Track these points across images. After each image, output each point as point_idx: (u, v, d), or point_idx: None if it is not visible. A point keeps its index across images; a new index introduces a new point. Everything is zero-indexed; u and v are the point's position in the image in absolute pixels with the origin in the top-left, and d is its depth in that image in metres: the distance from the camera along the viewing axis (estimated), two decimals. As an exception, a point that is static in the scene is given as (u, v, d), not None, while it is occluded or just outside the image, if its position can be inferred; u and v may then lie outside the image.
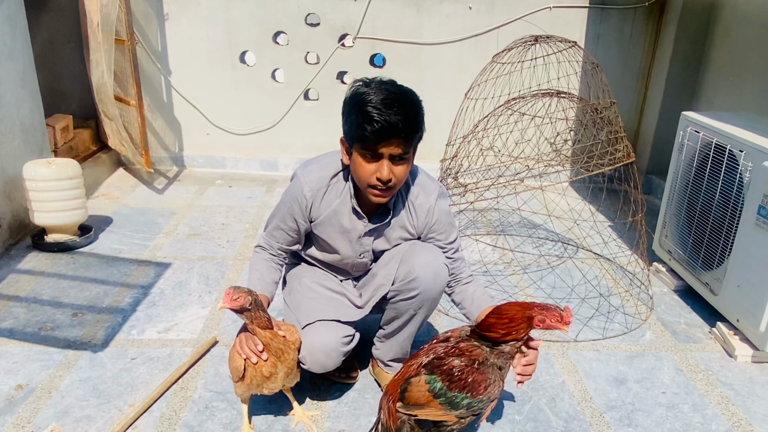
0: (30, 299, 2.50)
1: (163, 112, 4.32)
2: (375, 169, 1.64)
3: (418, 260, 1.78)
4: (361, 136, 1.60)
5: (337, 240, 1.85)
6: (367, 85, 1.62)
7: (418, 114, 1.63)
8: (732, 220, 2.33)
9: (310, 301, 1.89)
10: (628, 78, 4.24)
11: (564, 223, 3.49)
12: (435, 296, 1.82)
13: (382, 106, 1.56)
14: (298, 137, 4.39)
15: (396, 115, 1.56)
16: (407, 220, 1.84)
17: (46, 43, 3.99)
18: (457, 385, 1.52)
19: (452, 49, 4.18)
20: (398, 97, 1.59)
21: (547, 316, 1.54)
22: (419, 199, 1.82)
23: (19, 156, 3.04)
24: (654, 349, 2.33)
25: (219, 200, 3.83)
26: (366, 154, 1.63)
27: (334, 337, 1.79)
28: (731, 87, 3.50)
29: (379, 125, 1.56)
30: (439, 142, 3.14)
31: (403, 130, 1.58)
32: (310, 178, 1.78)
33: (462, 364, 1.54)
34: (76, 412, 1.86)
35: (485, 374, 1.54)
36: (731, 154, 2.35)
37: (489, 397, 1.55)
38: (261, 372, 1.67)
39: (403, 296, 1.81)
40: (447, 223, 1.87)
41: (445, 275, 1.80)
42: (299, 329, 1.81)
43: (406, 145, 1.62)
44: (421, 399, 1.54)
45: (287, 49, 4.20)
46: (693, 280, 2.63)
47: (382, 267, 1.88)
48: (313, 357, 1.77)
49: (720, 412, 1.98)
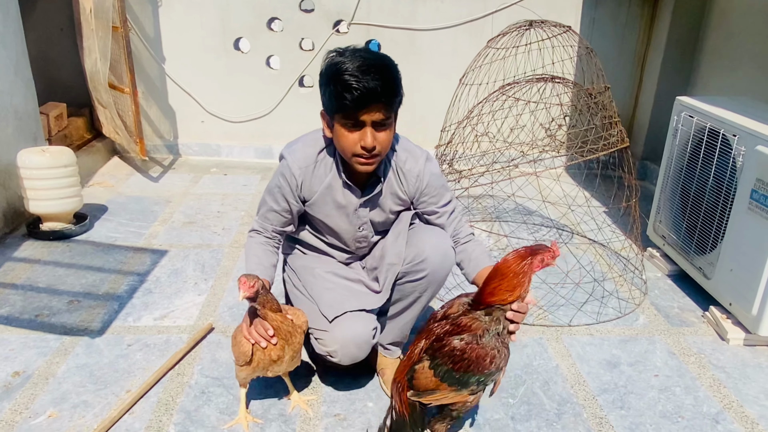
0: (26, 287, 2.51)
1: (158, 99, 4.30)
2: (358, 138, 1.63)
3: (427, 242, 1.79)
4: (341, 105, 1.59)
5: (334, 217, 1.85)
6: (341, 54, 1.62)
7: (395, 78, 1.62)
8: (725, 204, 2.34)
9: (330, 293, 1.86)
10: (624, 63, 4.23)
11: (558, 208, 3.50)
12: (441, 279, 1.83)
13: (359, 72, 1.55)
14: (294, 124, 4.38)
15: (374, 81, 1.55)
16: (398, 186, 1.83)
17: (39, 30, 3.96)
18: (461, 365, 1.50)
19: (447, 35, 4.16)
20: (374, 62, 1.58)
21: (544, 255, 1.48)
22: (408, 164, 1.81)
23: (13, 144, 3.03)
24: (647, 333, 2.35)
25: (214, 188, 3.83)
26: (348, 123, 1.63)
27: (365, 329, 1.79)
28: (726, 72, 3.50)
29: (358, 92, 1.55)
30: (434, 128, 3.14)
31: (382, 94, 1.57)
32: (297, 156, 1.78)
33: (462, 342, 1.50)
34: (73, 398, 1.87)
35: (488, 347, 1.50)
36: (725, 139, 2.36)
37: (497, 367, 1.52)
38: (269, 356, 1.68)
39: (410, 278, 1.82)
40: (438, 186, 1.85)
41: (452, 258, 1.81)
42: (324, 323, 1.80)
43: (387, 110, 1.61)
44: (430, 384, 1.54)
45: (282, 35, 4.18)
46: (686, 264, 2.64)
47: (390, 246, 1.86)
48: (345, 350, 1.76)
49: (712, 395, 2.00)
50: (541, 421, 1.85)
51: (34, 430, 1.74)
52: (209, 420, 1.80)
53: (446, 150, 2.80)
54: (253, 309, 1.67)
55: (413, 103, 4.18)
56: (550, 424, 1.84)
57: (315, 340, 1.84)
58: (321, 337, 1.81)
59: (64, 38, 4.11)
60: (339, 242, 1.93)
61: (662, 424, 1.85)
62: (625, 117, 4.33)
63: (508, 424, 1.83)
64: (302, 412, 1.84)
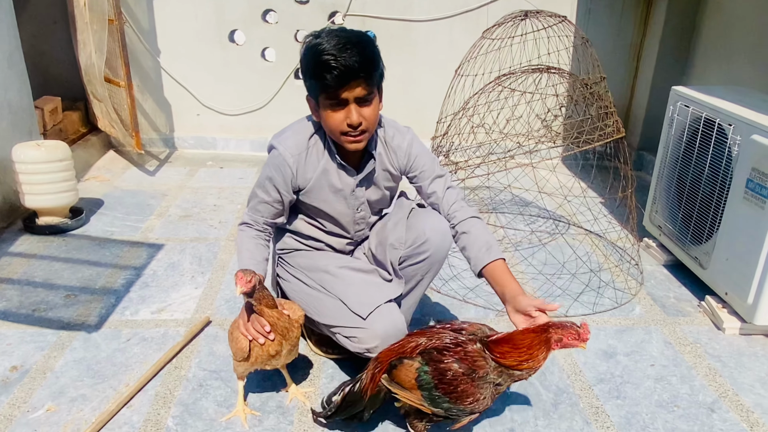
0: (23, 281, 2.50)
1: (153, 92, 4.28)
2: (344, 116, 1.64)
3: (427, 224, 1.81)
4: (323, 86, 1.60)
5: (332, 201, 1.84)
6: (318, 36, 1.62)
7: (373, 52, 1.63)
8: (721, 194, 2.35)
9: (354, 288, 1.83)
10: (619, 53, 4.22)
11: (555, 199, 3.51)
12: (441, 259, 1.86)
13: (336, 51, 1.56)
14: (290, 117, 4.26)
15: (352, 57, 1.56)
16: (388, 161, 1.85)
17: (32, 24, 3.93)
18: (445, 388, 1.49)
19: (443, 26, 4.15)
20: (350, 39, 1.59)
21: (563, 334, 1.48)
22: (395, 140, 1.84)
23: (8, 138, 3.01)
24: (643, 323, 2.36)
25: (210, 181, 3.82)
26: (332, 103, 1.64)
27: (400, 318, 1.78)
28: (722, 62, 3.50)
29: (337, 71, 1.56)
30: (430, 120, 3.14)
31: (361, 69, 1.58)
32: (288, 144, 1.77)
33: (459, 370, 1.49)
34: (71, 392, 1.87)
35: (478, 389, 1.49)
36: (720, 128, 2.36)
37: (472, 409, 1.51)
38: (267, 351, 1.68)
39: (412, 261, 1.83)
40: (429, 159, 1.87)
41: (450, 238, 1.84)
42: (358, 320, 1.76)
43: (369, 85, 1.62)
44: (406, 383, 1.54)
45: (277, 27, 4.16)
46: (682, 254, 2.65)
47: (390, 232, 1.87)
48: (386, 343, 1.71)
49: (707, 384, 2.01)
50: (537, 412, 1.86)
51: (33, 424, 1.74)
52: (207, 413, 1.80)
53: (442, 141, 2.80)
54: (250, 304, 1.67)
55: (409, 95, 4.17)
56: (547, 414, 1.84)
57: (347, 339, 1.78)
58: (356, 335, 1.76)
59: (59, 32, 4.08)
60: (338, 228, 1.92)
61: (658, 414, 1.86)
62: (621, 107, 4.32)
63: (505, 415, 1.84)
64: (300, 404, 1.85)
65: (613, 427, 1.80)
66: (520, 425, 1.80)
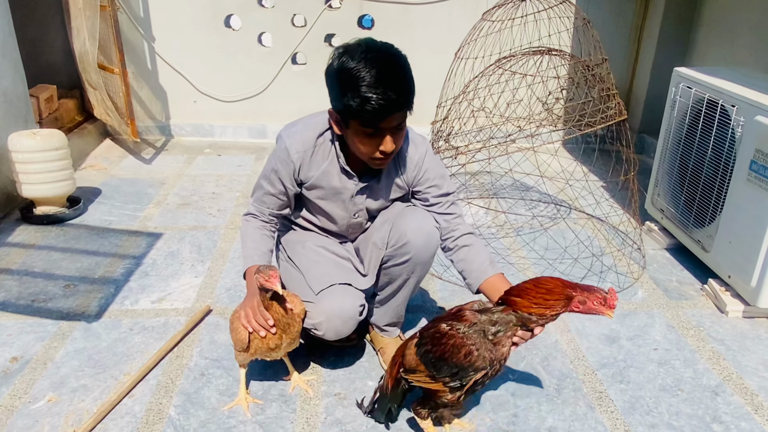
0: (21, 272, 2.49)
1: (148, 79, 4.24)
2: (377, 144, 1.60)
3: (409, 225, 1.76)
4: (360, 116, 1.54)
5: (330, 201, 1.83)
6: (352, 57, 1.53)
7: (410, 80, 1.59)
8: (724, 176, 2.33)
9: (318, 266, 1.86)
10: (620, 35, 4.18)
11: (556, 184, 3.49)
12: (426, 260, 1.81)
13: (379, 84, 1.49)
14: (287, 103, 4.32)
15: (392, 90, 1.51)
16: (396, 174, 1.82)
17: (26, 11, 3.88)
18: (437, 349, 1.49)
19: (442, 9, 4.10)
20: (389, 67, 1.53)
21: (588, 297, 1.42)
22: (408, 151, 1.80)
23: (3, 128, 2.98)
24: (646, 308, 2.35)
25: (208, 169, 3.79)
26: (367, 131, 1.58)
27: (353, 304, 1.77)
28: (724, 42, 3.46)
29: (380, 106, 1.50)
30: (430, 105, 3.10)
31: (401, 102, 1.54)
32: (296, 139, 1.75)
33: (446, 327, 1.49)
34: (72, 382, 1.86)
35: (467, 339, 1.46)
36: (723, 109, 2.33)
37: (471, 365, 1.46)
38: (267, 344, 1.67)
39: (395, 261, 1.80)
40: (438, 176, 1.83)
41: (436, 239, 1.79)
42: (310, 294, 1.79)
43: (405, 114, 1.60)
44: (412, 363, 1.54)
45: (273, 11, 4.11)
46: (685, 237, 2.63)
47: (376, 230, 1.87)
48: (330, 323, 1.74)
49: (711, 367, 2.01)
50: (541, 397, 1.85)
51: (34, 414, 1.73)
52: (209, 402, 1.80)
53: (442, 126, 2.77)
54: (254, 294, 1.66)
55: (408, 79, 4.13)
56: (551, 400, 1.84)
57: None
58: (307, 308, 1.78)
59: (53, 19, 4.03)
60: (333, 226, 1.92)
61: (662, 397, 1.86)
62: (621, 90, 4.29)
63: (509, 400, 1.83)
64: (302, 392, 1.84)
65: (617, 412, 1.79)
66: (523, 410, 1.79)
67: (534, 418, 1.77)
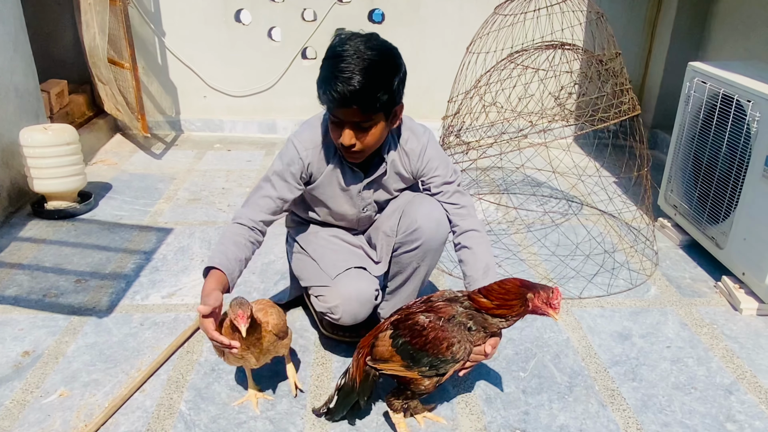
0: (33, 267, 2.50)
1: (159, 74, 4.24)
2: (340, 134, 1.62)
3: (419, 211, 1.77)
4: (321, 98, 1.59)
5: (338, 198, 1.84)
6: (342, 43, 1.55)
7: (381, 81, 1.54)
8: (739, 172, 2.29)
9: (333, 253, 1.87)
10: (633, 29, 4.13)
11: (568, 179, 3.46)
12: (437, 246, 1.82)
13: (342, 73, 1.50)
14: (297, 98, 4.31)
15: (351, 85, 1.49)
16: (401, 165, 1.82)
17: (37, 6, 3.89)
18: (418, 341, 1.50)
19: (453, 3, 4.06)
20: (364, 62, 1.51)
21: (535, 295, 1.45)
22: (410, 143, 1.80)
23: (15, 122, 2.99)
24: (659, 305, 2.33)
25: (218, 164, 3.79)
26: (332, 118, 1.62)
27: (369, 287, 1.79)
28: (739, 36, 3.41)
29: (331, 94, 1.52)
30: (440, 100, 3.08)
31: (356, 100, 1.52)
32: (303, 138, 1.76)
33: (426, 320, 1.51)
34: (84, 376, 1.87)
35: (449, 332, 1.48)
36: (739, 105, 2.30)
37: (453, 356, 1.49)
38: (234, 355, 1.62)
39: (406, 248, 1.81)
40: (441, 164, 1.82)
41: (446, 226, 1.80)
42: (326, 279, 1.79)
43: (364, 113, 1.56)
44: (385, 354, 1.55)
45: (283, 6, 4.10)
46: (698, 234, 2.60)
47: (386, 220, 1.87)
48: (347, 306, 1.75)
49: (724, 365, 1.98)
50: (552, 394, 1.84)
51: (46, 409, 1.74)
52: (220, 397, 1.80)
53: (453, 121, 2.75)
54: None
55: (418, 74, 4.11)
56: (562, 397, 1.82)
57: (315, 298, 1.84)
58: (322, 293, 1.80)
59: (63, 13, 4.04)
60: (342, 221, 1.93)
61: (675, 396, 1.84)
62: (634, 84, 4.24)
63: (520, 398, 1.82)
64: (312, 389, 1.84)
65: (630, 410, 1.78)
66: (534, 408, 1.78)
67: (545, 415, 1.75)
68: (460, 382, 1.88)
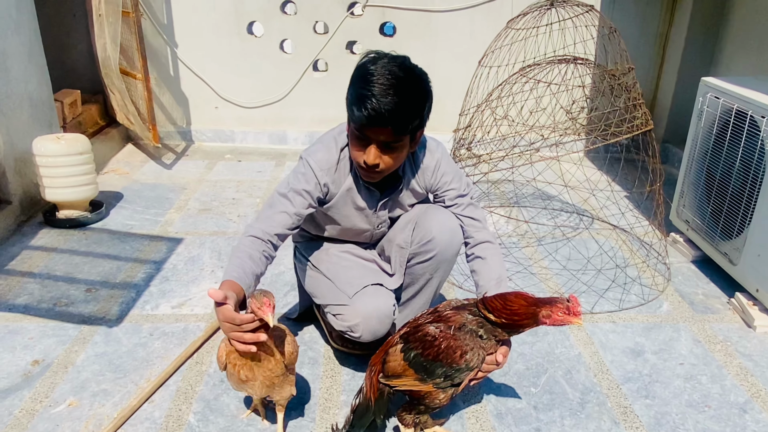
0: (44, 275, 2.50)
1: (170, 85, 4.27)
2: (364, 152, 1.61)
3: (434, 222, 1.77)
4: (351, 116, 1.58)
5: (354, 217, 1.83)
6: (375, 62, 1.55)
7: (415, 103, 1.55)
8: (753, 188, 2.28)
9: (347, 270, 1.86)
10: (645, 44, 4.13)
11: (579, 193, 3.44)
12: (450, 257, 1.82)
13: (378, 91, 1.50)
14: (308, 110, 4.33)
15: (388, 105, 1.50)
16: (416, 181, 1.83)
17: (51, 16, 3.93)
18: (430, 352, 1.49)
19: (464, 16, 4.08)
20: (399, 84, 1.52)
21: (552, 311, 1.45)
22: (424, 159, 1.81)
23: (28, 132, 3.02)
24: (671, 321, 2.30)
25: (229, 175, 3.80)
26: (357, 135, 1.60)
27: (387, 303, 1.78)
28: (752, 51, 3.40)
29: (367, 112, 1.51)
30: (451, 113, 3.08)
31: (390, 120, 1.52)
32: (318, 158, 1.73)
33: (436, 330, 1.50)
34: (93, 386, 1.87)
35: (461, 340, 1.48)
36: (753, 120, 2.29)
37: (467, 364, 1.49)
38: (238, 374, 1.51)
39: (419, 258, 1.81)
40: (455, 178, 1.83)
41: (460, 237, 1.80)
42: (344, 298, 1.78)
43: (396, 134, 1.56)
44: (398, 369, 1.53)
45: (295, 18, 4.13)
46: (711, 250, 2.58)
47: (399, 232, 1.86)
48: (367, 323, 1.74)
49: (739, 383, 1.96)
50: (564, 411, 1.81)
51: (55, 418, 1.73)
52: (228, 409, 1.79)
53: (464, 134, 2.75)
54: None
55: (429, 87, 4.12)
56: (574, 414, 1.80)
57: (334, 317, 1.83)
58: (341, 312, 1.79)
59: (77, 24, 4.08)
60: (356, 237, 1.93)
61: (689, 414, 1.81)
62: (646, 98, 4.22)
63: (531, 414, 1.80)
64: (322, 401, 1.83)
65: (643, 428, 1.75)
66: (546, 425, 1.76)
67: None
68: (471, 396, 1.87)
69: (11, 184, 2.89)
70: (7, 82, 2.86)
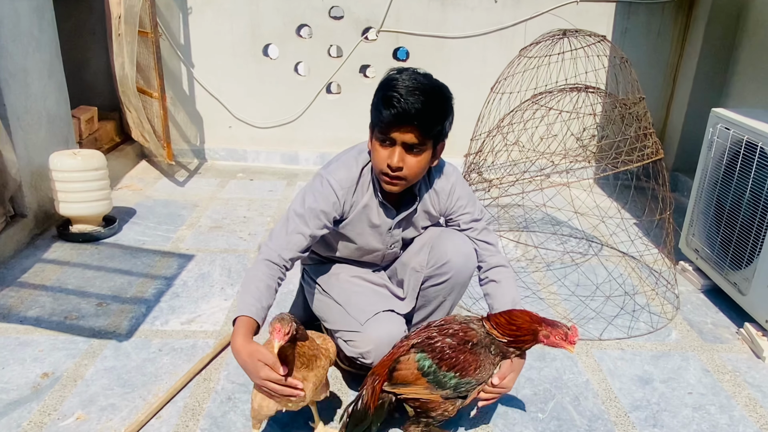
0: (55, 288, 2.53)
1: (186, 104, 4.34)
2: (387, 155, 1.63)
3: (449, 245, 1.79)
4: (377, 119, 1.61)
5: (367, 235, 1.84)
6: (400, 72, 1.62)
7: (440, 107, 1.61)
8: (763, 218, 2.28)
9: (358, 296, 1.86)
10: (655, 74, 4.17)
11: (589, 220, 3.45)
12: (464, 281, 1.84)
13: (404, 91, 1.55)
14: (320, 131, 4.38)
15: (414, 103, 1.55)
16: (430, 204, 1.85)
17: (71, 34, 4.02)
18: (447, 363, 1.53)
19: (477, 43, 4.14)
20: (425, 87, 1.58)
21: (552, 332, 1.54)
22: (440, 182, 1.83)
23: (45, 147, 3.07)
24: (680, 349, 2.29)
25: (240, 193, 3.84)
26: (382, 137, 1.63)
27: (398, 329, 1.79)
28: (762, 83, 3.43)
29: (394, 110, 1.55)
30: (462, 137, 3.11)
31: (417, 117, 1.56)
32: (339, 177, 1.74)
33: (454, 342, 1.54)
34: (101, 400, 1.88)
35: (477, 355, 1.54)
36: (762, 152, 2.30)
37: (477, 379, 1.55)
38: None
39: (433, 281, 1.82)
40: (470, 202, 1.86)
41: (474, 260, 1.82)
42: (355, 325, 1.78)
43: (422, 135, 1.60)
44: (409, 377, 1.55)
45: (310, 42, 4.20)
46: (720, 279, 2.58)
47: (413, 256, 1.88)
48: (379, 351, 1.73)
49: (747, 414, 1.94)
50: (571, 438, 1.81)
51: (63, 431, 1.74)
52: (235, 426, 1.79)
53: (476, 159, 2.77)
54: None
55: (440, 111, 4.16)
56: (581, 441, 1.79)
57: (345, 343, 1.83)
58: (353, 338, 1.79)
59: (96, 43, 4.17)
60: (368, 257, 1.94)
61: (697, 444, 1.80)
62: (656, 128, 4.25)
63: (538, 440, 1.79)
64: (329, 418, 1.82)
65: (651, 457, 1.74)
66: (553, 451, 1.75)
67: (564, 459, 1.72)
68: (478, 421, 1.86)
69: (27, 197, 2.93)
70: (26, 98, 2.92)
